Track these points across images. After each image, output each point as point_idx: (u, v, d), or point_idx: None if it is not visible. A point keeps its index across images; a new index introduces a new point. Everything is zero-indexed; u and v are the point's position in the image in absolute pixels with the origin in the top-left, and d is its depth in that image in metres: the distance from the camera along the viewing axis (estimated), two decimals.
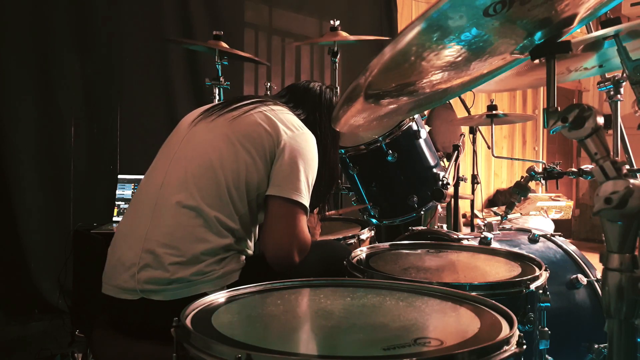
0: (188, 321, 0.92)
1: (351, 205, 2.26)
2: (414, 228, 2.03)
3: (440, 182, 2.05)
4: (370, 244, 1.95)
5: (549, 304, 1.32)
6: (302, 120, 1.53)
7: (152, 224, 1.33)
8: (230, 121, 1.44)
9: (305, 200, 1.39)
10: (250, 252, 1.44)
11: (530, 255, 1.51)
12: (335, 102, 1.66)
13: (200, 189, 1.34)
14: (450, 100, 3.68)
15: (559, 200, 5.47)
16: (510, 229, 2.03)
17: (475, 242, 1.75)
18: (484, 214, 5.22)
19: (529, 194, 2.09)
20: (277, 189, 1.38)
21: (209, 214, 1.32)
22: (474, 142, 3.41)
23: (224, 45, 2.74)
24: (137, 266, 1.29)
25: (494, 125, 2.94)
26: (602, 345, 1.64)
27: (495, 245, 1.76)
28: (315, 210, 1.75)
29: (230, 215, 1.34)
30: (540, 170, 1.96)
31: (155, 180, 1.41)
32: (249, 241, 1.44)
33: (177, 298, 1.26)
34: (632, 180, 0.78)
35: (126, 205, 2.65)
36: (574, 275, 1.74)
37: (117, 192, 2.67)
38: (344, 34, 2.86)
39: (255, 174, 1.38)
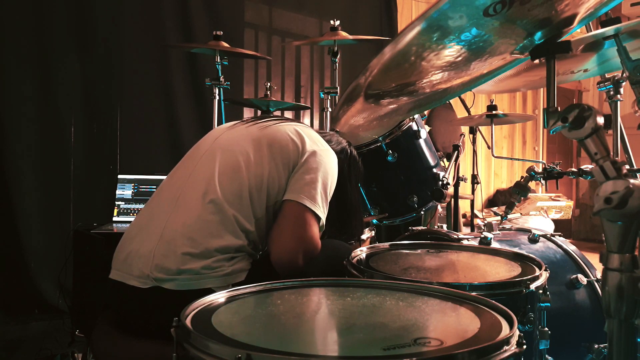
0: (188, 321, 0.92)
1: None
2: (414, 228, 2.03)
3: (440, 182, 2.05)
4: (370, 244, 1.94)
5: (549, 304, 1.32)
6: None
7: (174, 214, 1.37)
8: (262, 129, 1.51)
9: (320, 210, 1.42)
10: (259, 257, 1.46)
11: (530, 255, 1.51)
12: (358, 160, 1.73)
13: (223, 186, 1.38)
14: (450, 100, 3.68)
15: (559, 200, 5.47)
16: (510, 229, 2.03)
17: (475, 242, 1.75)
18: (484, 214, 5.22)
19: (529, 194, 2.09)
20: (293, 194, 1.42)
21: (228, 211, 1.35)
22: (474, 142, 3.41)
23: (225, 44, 2.75)
24: (152, 254, 1.32)
25: (494, 125, 2.94)
26: (602, 345, 1.64)
27: (495, 245, 1.76)
28: None
29: (247, 217, 1.38)
30: (540, 170, 1.96)
31: (180, 176, 1.46)
32: (260, 246, 1.45)
33: (184, 289, 1.28)
34: (632, 180, 0.78)
35: (126, 205, 2.65)
36: (574, 275, 1.73)
37: (117, 192, 2.67)
38: (344, 34, 2.86)
39: (277, 181, 1.42)
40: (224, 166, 1.42)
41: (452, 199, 2.79)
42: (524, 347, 0.83)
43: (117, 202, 2.65)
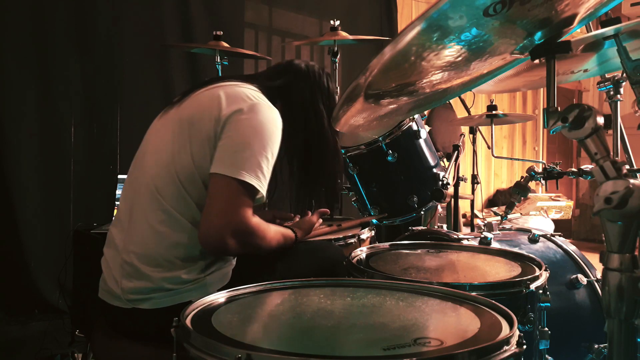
0: (188, 321, 0.92)
1: (352, 208, 2.25)
2: (414, 228, 2.03)
3: (440, 182, 2.05)
4: (370, 244, 1.94)
5: (549, 304, 1.32)
6: (277, 90, 1.43)
7: (127, 233, 1.32)
8: (184, 108, 1.36)
9: (251, 178, 1.23)
10: None
11: (530, 255, 1.51)
12: (324, 78, 1.54)
13: (162, 190, 1.29)
14: (450, 100, 3.68)
15: (559, 200, 5.47)
16: (510, 229, 2.03)
17: (475, 242, 1.75)
18: (484, 214, 5.22)
19: (529, 194, 2.09)
20: (215, 167, 1.25)
21: (177, 216, 1.27)
22: (474, 142, 3.41)
23: (225, 44, 2.74)
24: (120, 277, 1.29)
25: (494, 125, 2.94)
26: (602, 345, 1.64)
27: (495, 245, 1.76)
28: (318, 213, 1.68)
29: (196, 216, 1.27)
30: (540, 170, 1.96)
31: (131, 182, 1.38)
32: None
33: (165, 306, 1.25)
34: (632, 180, 0.78)
35: None
36: (574, 275, 1.74)
37: (117, 192, 2.67)
38: (344, 34, 2.86)
39: (206, 164, 1.26)
40: (157, 167, 1.32)
41: (452, 199, 2.79)
42: (524, 347, 0.83)
43: (117, 202, 2.65)
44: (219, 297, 1.07)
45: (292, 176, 1.55)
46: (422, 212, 2.11)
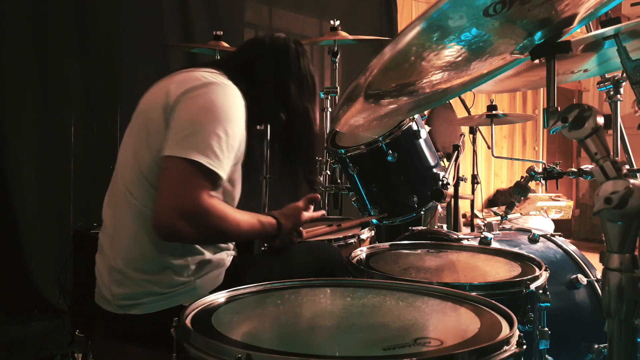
0: (188, 321, 0.92)
1: (352, 208, 2.25)
2: (414, 228, 2.03)
3: (440, 182, 2.05)
4: (370, 244, 1.94)
5: (549, 304, 1.32)
6: (240, 69, 1.37)
7: (113, 240, 1.31)
8: (142, 104, 1.35)
9: (199, 156, 1.15)
10: (226, 246, 1.38)
11: (530, 255, 1.51)
12: (292, 50, 1.44)
13: (133, 192, 1.27)
14: (450, 100, 3.68)
15: (559, 200, 5.47)
16: (510, 229, 2.03)
17: (475, 242, 1.75)
18: (484, 214, 5.22)
19: (529, 194, 2.09)
20: (164, 150, 1.20)
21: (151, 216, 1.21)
22: (474, 142, 3.41)
23: (225, 44, 2.75)
24: (110, 283, 1.29)
25: (493, 125, 2.93)
26: (602, 345, 1.64)
27: (495, 245, 1.76)
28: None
29: None
30: (540, 170, 1.96)
31: (114, 184, 1.36)
32: None
33: (155, 311, 1.24)
34: (632, 180, 0.78)
35: None
36: (574, 275, 1.74)
37: None
38: (344, 34, 2.86)
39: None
40: (125, 167, 1.30)
41: (452, 199, 2.79)
42: (524, 347, 0.83)
43: None
44: (219, 297, 1.07)
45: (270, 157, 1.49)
46: (422, 212, 2.11)
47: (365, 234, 1.96)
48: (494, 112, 2.86)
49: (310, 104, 1.46)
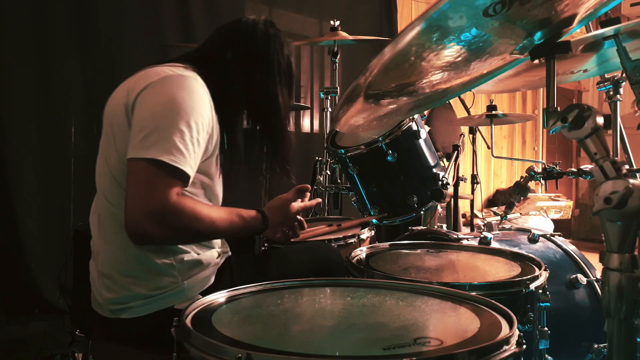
0: (188, 321, 0.92)
1: (352, 208, 2.25)
2: (414, 228, 2.03)
3: (440, 182, 2.05)
4: (370, 244, 1.95)
5: (548, 304, 1.32)
6: (205, 57, 1.36)
7: (100, 246, 1.31)
8: (107, 106, 1.33)
9: (164, 156, 1.12)
10: (212, 244, 1.36)
11: (530, 255, 1.51)
12: (260, 32, 1.44)
13: (108, 196, 1.26)
14: (450, 100, 3.68)
15: (558, 200, 5.47)
16: (510, 229, 2.03)
17: (475, 242, 1.75)
18: (483, 214, 5.22)
19: (529, 194, 2.09)
20: (129, 152, 1.17)
21: None
22: (473, 142, 3.41)
23: None
24: (100, 288, 1.30)
25: (493, 125, 2.94)
26: (602, 345, 1.64)
27: (495, 245, 1.76)
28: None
29: None
30: (539, 170, 1.96)
31: (95, 196, 1.36)
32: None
33: (145, 314, 1.23)
34: (631, 180, 0.78)
35: None
36: (574, 275, 1.74)
37: None
38: (344, 34, 2.86)
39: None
40: (100, 172, 1.30)
41: (452, 199, 2.79)
42: (524, 347, 0.83)
43: None
44: (219, 297, 1.07)
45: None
46: (422, 212, 2.11)
47: (365, 234, 1.96)
48: (493, 112, 2.86)
49: (281, 87, 1.41)
